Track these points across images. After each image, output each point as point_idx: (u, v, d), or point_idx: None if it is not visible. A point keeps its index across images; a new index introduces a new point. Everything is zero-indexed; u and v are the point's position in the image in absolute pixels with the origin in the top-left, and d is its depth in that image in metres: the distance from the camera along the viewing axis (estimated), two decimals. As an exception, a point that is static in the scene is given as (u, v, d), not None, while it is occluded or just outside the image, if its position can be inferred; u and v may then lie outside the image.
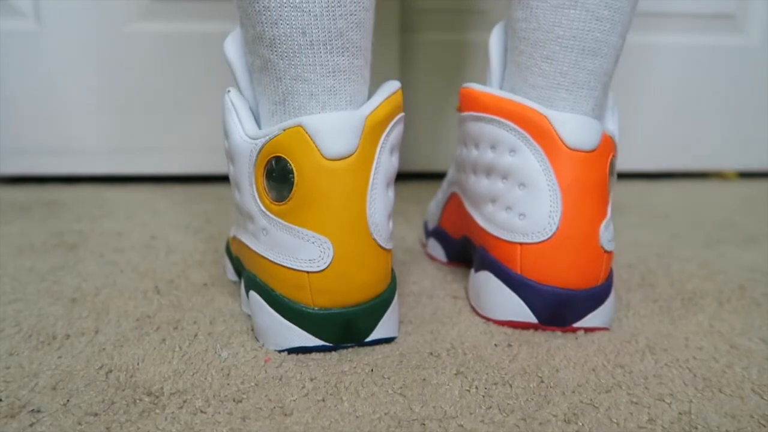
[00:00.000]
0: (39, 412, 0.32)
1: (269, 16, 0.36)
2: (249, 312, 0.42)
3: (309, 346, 0.38)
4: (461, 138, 0.48)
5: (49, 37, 0.77)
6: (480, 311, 0.45)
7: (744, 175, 0.95)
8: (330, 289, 0.37)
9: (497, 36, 0.46)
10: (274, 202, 0.37)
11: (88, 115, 0.80)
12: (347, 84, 0.38)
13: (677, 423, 0.33)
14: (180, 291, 0.48)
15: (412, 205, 0.74)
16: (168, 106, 0.80)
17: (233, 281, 0.49)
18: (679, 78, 0.88)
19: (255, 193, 0.38)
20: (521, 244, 0.42)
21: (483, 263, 0.44)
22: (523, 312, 0.42)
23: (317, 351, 0.39)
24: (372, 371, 0.37)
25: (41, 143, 0.80)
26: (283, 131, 0.36)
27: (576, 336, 0.42)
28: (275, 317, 0.38)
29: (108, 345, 0.39)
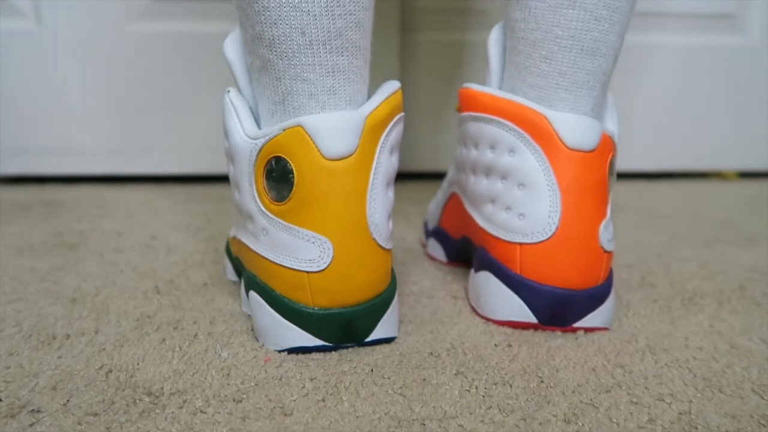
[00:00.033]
0: (39, 412, 0.32)
1: (268, 16, 0.36)
2: (249, 312, 0.42)
3: (309, 346, 0.38)
4: (461, 138, 0.48)
5: (49, 37, 0.77)
6: (480, 311, 0.45)
7: (744, 175, 0.95)
8: (330, 289, 0.37)
9: (496, 36, 0.46)
10: (273, 202, 0.37)
11: (88, 115, 0.80)
12: (346, 84, 0.38)
13: (677, 423, 0.33)
14: (180, 291, 0.48)
15: (412, 205, 0.74)
16: (168, 106, 0.80)
17: (233, 281, 0.49)
18: (679, 78, 0.88)
19: (255, 193, 0.38)
20: (521, 244, 0.42)
21: (483, 263, 0.44)
22: (523, 312, 0.42)
23: (317, 351, 0.39)
24: (372, 371, 0.37)
25: (41, 143, 0.80)
26: (283, 131, 0.36)
27: (576, 336, 0.42)
28: (275, 317, 0.38)
29: (108, 345, 0.39)
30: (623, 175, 0.90)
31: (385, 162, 0.38)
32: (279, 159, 0.37)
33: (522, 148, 0.42)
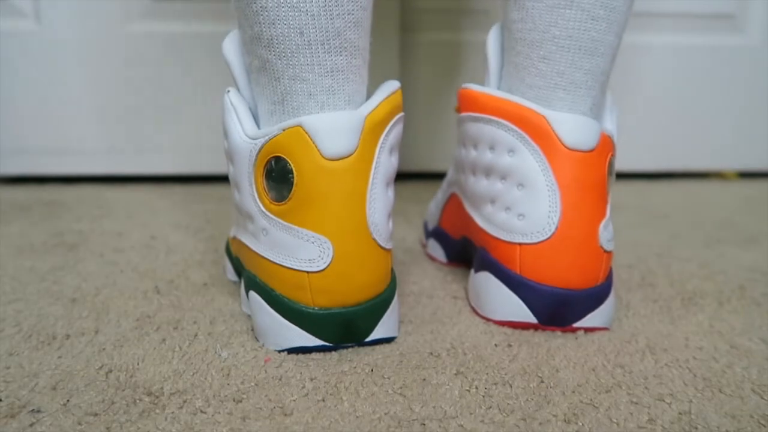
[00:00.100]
0: (39, 412, 0.32)
1: (267, 16, 0.36)
2: (249, 312, 0.42)
3: (309, 346, 0.38)
4: (460, 138, 0.48)
5: (49, 37, 0.77)
6: (480, 312, 0.45)
7: (744, 175, 0.95)
8: (330, 289, 0.37)
9: (494, 36, 0.46)
10: (273, 202, 0.37)
11: (88, 115, 0.80)
12: (345, 84, 0.38)
13: (677, 423, 0.33)
14: (180, 291, 0.48)
15: (412, 205, 0.74)
16: (168, 106, 0.80)
17: (233, 281, 0.49)
18: (679, 78, 0.88)
19: (255, 193, 0.38)
20: (520, 244, 0.42)
21: (483, 264, 0.44)
22: (523, 312, 0.42)
23: (317, 351, 0.39)
24: (372, 371, 0.37)
25: (41, 143, 0.80)
26: (283, 131, 0.36)
27: (576, 336, 0.42)
28: (275, 317, 0.38)
29: (108, 345, 0.39)
30: (623, 175, 0.90)
31: (385, 162, 0.38)
32: (279, 159, 0.37)
33: (521, 148, 0.42)
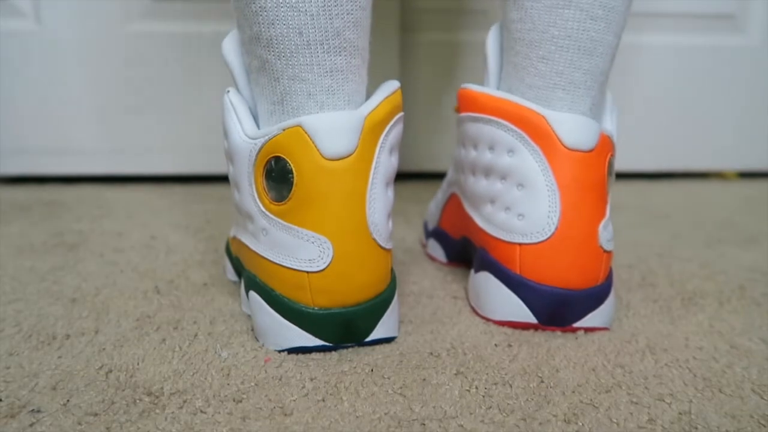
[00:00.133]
0: (39, 412, 0.32)
1: (266, 16, 0.36)
2: (249, 312, 0.42)
3: (309, 346, 0.38)
4: (459, 139, 0.48)
5: (49, 37, 0.77)
6: (480, 312, 0.45)
7: (744, 175, 0.95)
8: (330, 289, 0.37)
9: (494, 36, 0.46)
10: (273, 202, 0.37)
11: (88, 115, 0.80)
12: (345, 83, 0.38)
13: (677, 423, 0.33)
14: (180, 291, 0.48)
15: (411, 205, 0.74)
16: (168, 106, 0.80)
17: (233, 281, 0.49)
18: (679, 78, 0.88)
19: (254, 193, 0.38)
20: (520, 244, 0.42)
21: (483, 264, 0.44)
22: (523, 312, 0.42)
23: (317, 351, 0.39)
24: (372, 371, 0.37)
25: (41, 143, 0.80)
26: (282, 131, 0.36)
27: (576, 336, 0.42)
28: (275, 317, 0.38)
29: (108, 345, 0.39)
30: (623, 175, 0.90)
31: (385, 162, 0.38)
32: (278, 159, 0.37)
33: (521, 148, 0.42)
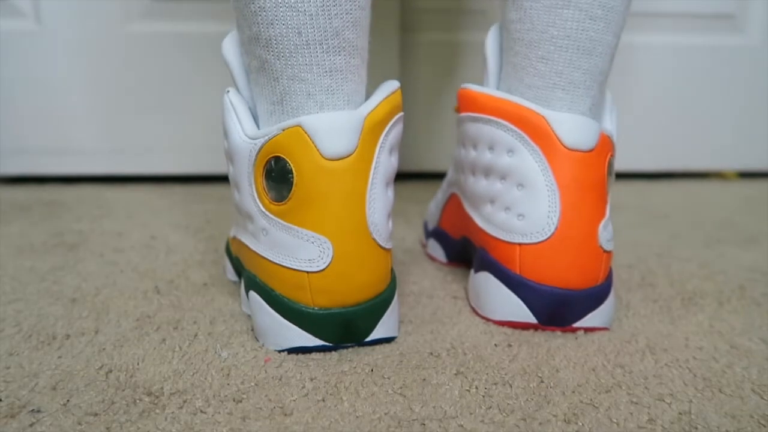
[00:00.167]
0: (39, 412, 0.32)
1: (265, 16, 0.36)
2: (249, 312, 0.42)
3: (309, 346, 0.38)
4: (459, 139, 0.48)
5: (49, 37, 0.77)
6: (480, 312, 0.45)
7: (744, 175, 0.95)
8: (330, 289, 0.37)
9: (493, 37, 0.46)
10: (273, 202, 0.37)
11: (88, 115, 0.80)
12: (344, 83, 0.38)
13: (677, 423, 0.33)
14: (180, 291, 0.48)
15: (411, 205, 0.74)
16: (168, 106, 0.80)
17: (233, 281, 0.49)
18: (679, 78, 0.88)
19: (254, 193, 0.38)
20: (520, 244, 0.42)
21: (482, 264, 0.44)
22: (523, 312, 0.42)
23: (317, 351, 0.39)
24: (372, 371, 0.37)
25: (41, 143, 0.80)
26: (282, 131, 0.36)
27: (576, 336, 0.42)
28: (275, 317, 0.38)
29: (108, 345, 0.39)
30: (623, 175, 0.90)
31: (385, 162, 0.38)
32: (278, 159, 0.37)
33: (520, 148, 0.42)
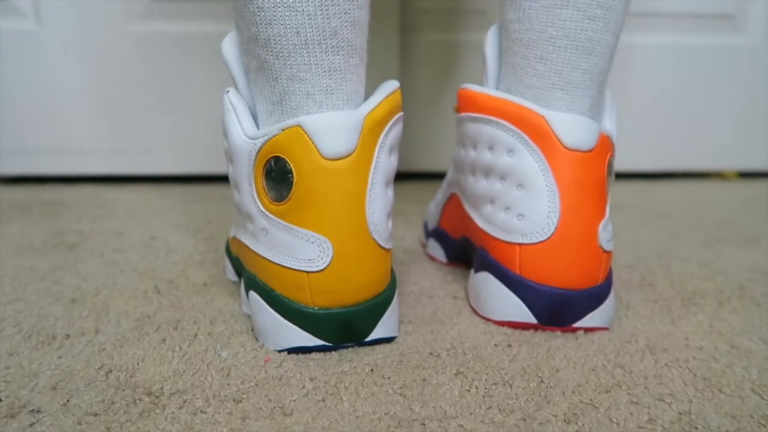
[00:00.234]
0: (39, 412, 0.32)
1: (263, 16, 0.36)
2: (249, 312, 0.42)
3: (309, 346, 0.38)
4: (459, 139, 0.48)
5: (49, 37, 0.77)
6: (480, 312, 0.45)
7: (744, 175, 0.95)
8: (330, 289, 0.37)
9: (492, 37, 0.46)
10: (273, 202, 0.37)
11: (88, 115, 0.80)
12: (343, 83, 0.38)
13: (677, 423, 0.33)
14: (180, 291, 0.48)
15: (411, 205, 0.74)
16: (168, 106, 0.80)
17: (233, 281, 0.49)
18: (679, 78, 0.88)
19: (254, 193, 0.38)
20: (520, 244, 0.42)
21: (482, 264, 0.44)
22: (523, 312, 0.42)
23: (317, 351, 0.39)
24: (372, 371, 0.37)
25: (41, 143, 0.80)
26: (282, 131, 0.36)
27: (576, 336, 0.42)
28: (275, 317, 0.38)
29: (108, 345, 0.39)
30: (623, 175, 0.90)
31: (384, 161, 0.38)
32: (278, 159, 0.37)
33: (520, 148, 0.42)
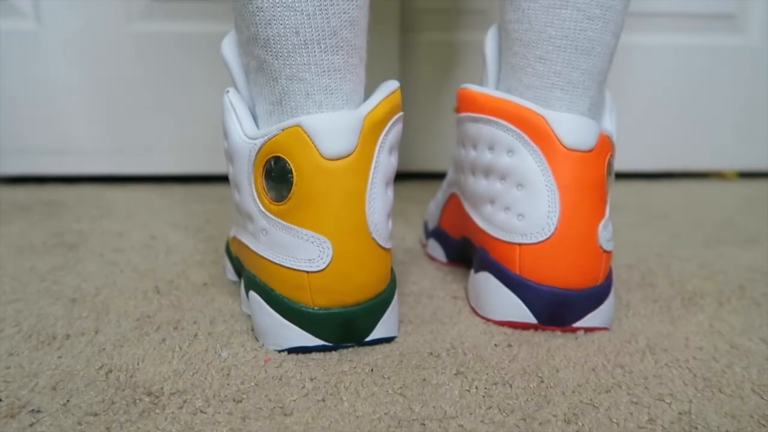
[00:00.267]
0: (39, 412, 0.32)
1: (262, 16, 0.36)
2: (249, 312, 0.42)
3: (309, 346, 0.38)
4: (459, 139, 0.48)
5: (49, 37, 0.77)
6: (480, 312, 0.45)
7: (744, 175, 0.95)
8: (330, 289, 0.37)
9: (492, 37, 0.46)
10: (273, 202, 0.37)
11: (88, 115, 0.80)
12: (343, 83, 0.38)
13: (677, 423, 0.33)
14: (180, 291, 0.48)
15: (411, 205, 0.74)
16: (168, 106, 0.80)
17: (233, 281, 0.49)
18: (679, 78, 0.88)
19: (254, 193, 0.38)
20: (520, 244, 0.42)
21: (482, 264, 0.44)
22: (523, 312, 0.42)
23: (317, 351, 0.39)
24: (372, 371, 0.37)
25: (41, 143, 0.80)
26: (282, 131, 0.36)
27: (576, 336, 0.42)
28: (275, 317, 0.38)
29: (108, 345, 0.39)
30: (623, 175, 0.90)
31: (384, 161, 0.38)
32: (278, 159, 0.37)
33: (520, 148, 0.42)
